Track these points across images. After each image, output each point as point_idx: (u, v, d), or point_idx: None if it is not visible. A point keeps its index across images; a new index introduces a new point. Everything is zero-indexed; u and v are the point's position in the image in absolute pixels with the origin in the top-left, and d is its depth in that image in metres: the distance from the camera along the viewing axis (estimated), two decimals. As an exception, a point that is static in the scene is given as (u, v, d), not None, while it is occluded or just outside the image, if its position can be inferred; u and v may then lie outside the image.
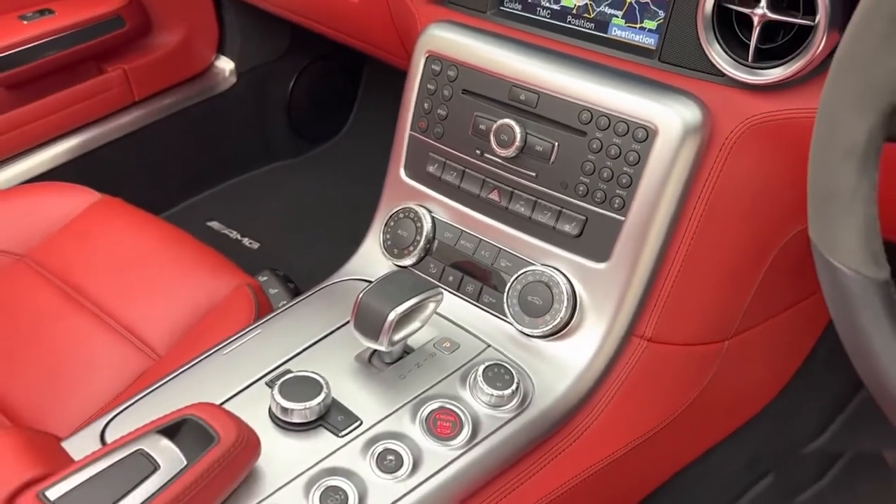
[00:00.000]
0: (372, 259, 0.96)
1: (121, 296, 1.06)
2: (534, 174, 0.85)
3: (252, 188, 1.88)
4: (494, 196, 0.88)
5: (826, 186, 0.51)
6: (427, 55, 0.93)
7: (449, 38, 0.91)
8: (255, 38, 1.77)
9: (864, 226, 0.50)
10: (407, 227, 0.93)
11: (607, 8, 0.84)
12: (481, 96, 0.89)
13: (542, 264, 0.85)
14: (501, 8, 0.92)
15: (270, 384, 0.77)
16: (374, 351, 0.81)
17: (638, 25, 0.82)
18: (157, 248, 1.12)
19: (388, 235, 0.94)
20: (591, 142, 0.81)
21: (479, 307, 0.88)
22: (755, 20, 0.72)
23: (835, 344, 0.55)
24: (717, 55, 0.75)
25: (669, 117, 0.76)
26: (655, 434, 0.90)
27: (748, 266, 0.85)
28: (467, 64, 0.89)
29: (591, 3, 0.85)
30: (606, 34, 0.85)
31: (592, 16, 0.85)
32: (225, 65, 1.76)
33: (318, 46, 1.72)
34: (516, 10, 0.91)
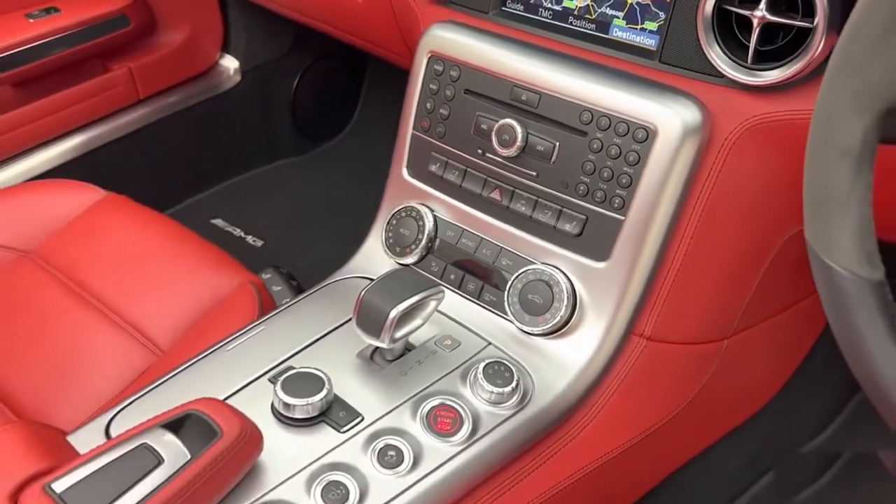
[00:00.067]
0: (374, 257, 0.96)
1: (125, 292, 1.06)
2: (535, 174, 0.85)
3: (256, 186, 1.88)
4: (496, 195, 0.89)
5: (821, 187, 0.51)
6: (429, 55, 0.93)
7: (451, 39, 0.92)
8: (260, 36, 1.77)
9: (858, 226, 0.50)
10: (409, 225, 0.93)
11: (608, 9, 0.84)
12: (483, 96, 0.89)
13: (543, 263, 0.85)
14: (503, 8, 0.92)
15: (273, 380, 0.78)
16: (376, 348, 0.81)
17: (639, 26, 0.82)
18: (161, 245, 1.12)
19: (391, 234, 0.95)
20: (591, 142, 0.81)
21: (479, 305, 0.88)
22: (755, 22, 0.72)
23: (833, 344, 0.55)
24: (717, 56, 0.75)
25: (669, 118, 0.77)
26: (655, 432, 0.90)
27: (747, 266, 0.85)
28: (469, 64, 0.90)
29: (592, 4, 0.86)
30: (607, 35, 0.85)
31: (594, 17, 0.86)
32: (229, 63, 1.77)
33: (322, 45, 1.72)
34: (518, 10, 0.91)
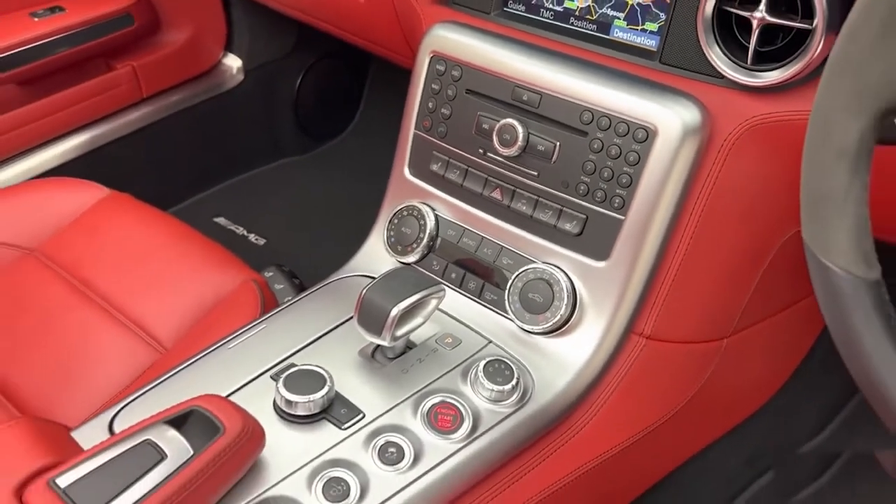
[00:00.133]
0: (376, 256, 0.96)
1: (129, 290, 1.06)
2: (535, 173, 0.86)
3: (259, 185, 1.89)
4: (497, 194, 0.89)
5: (818, 187, 0.52)
6: (431, 55, 0.94)
7: (453, 39, 0.92)
8: (263, 35, 1.77)
9: (855, 226, 0.51)
10: (410, 224, 0.94)
11: (609, 10, 0.85)
12: (485, 96, 0.89)
13: (543, 262, 0.85)
14: (505, 9, 0.93)
15: (275, 377, 0.78)
16: (377, 346, 0.82)
17: (639, 27, 0.83)
18: (164, 243, 1.13)
19: (392, 232, 0.95)
20: (592, 142, 0.82)
21: (480, 304, 0.89)
22: (754, 23, 0.73)
23: (833, 344, 0.55)
24: (717, 57, 0.76)
25: (669, 118, 0.77)
26: (654, 430, 0.90)
27: (746, 265, 0.86)
28: (471, 64, 0.90)
29: (593, 5, 0.86)
30: (608, 36, 0.85)
31: (595, 17, 0.86)
32: (232, 62, 1.77)
33: (325, 44, 1.73)
34: (520, 11, 0.92)
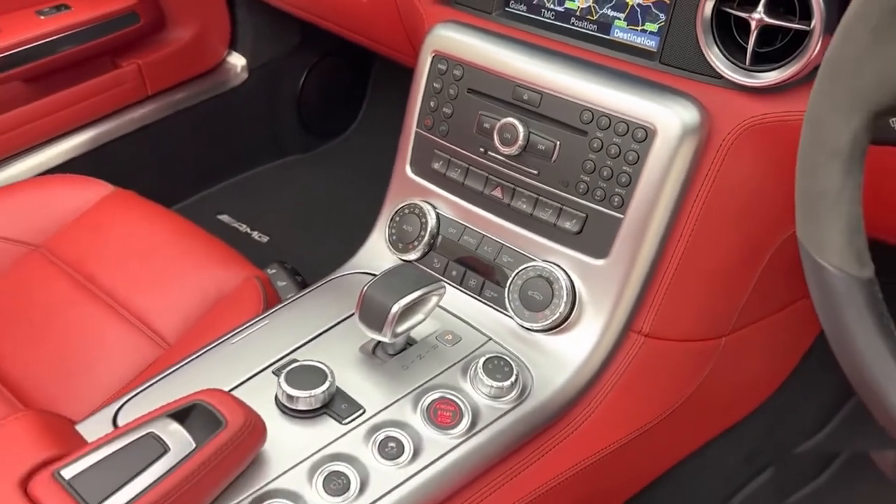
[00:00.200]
0: (377, 253, 0.97)
1: (133, 286, 1.07)
2: (536, 172, 0.86)
3: (262, 183, 1.89)
4: (497, 193, 0.90)
5: (813, 187, 0.52)
6: (433, 54, 0.94)
7: (455, 38, 0.93)
8: (267, 34, 1.78)
9: (848, 225, 0.51)
10: (412, 222, 0.95)
11: (610, 10, 0.86)
12: (486, 95, 0.90)
13: (543, 260, 0.86)
14: (507, 9, 0.93)
15: (277, 372, 0.79)
16: (378, 342, 0.82)
17: (639, 28, 0.84)
18: (168, 240, 1.14)
19: (394, 230, 0.96)
20: (591, 141, 0.82)
21: (480, 301, 0.89)
22: (752, 24, 0.73)
23: None
24: (716, 58, 0.77)
25: (668, 118, 0.78)
26: (652, 428, 0.91)
27: (744, 265, 0.86)
28: (473, 63, 0.91)
29: (594, 6, 0.87)
30: (609, 36, 0.86)
31: (595, 18, 0.87)
32: (237, 60, 1.77)
33: (328, 43, 1.73)
34: (521, 11, 0.92)
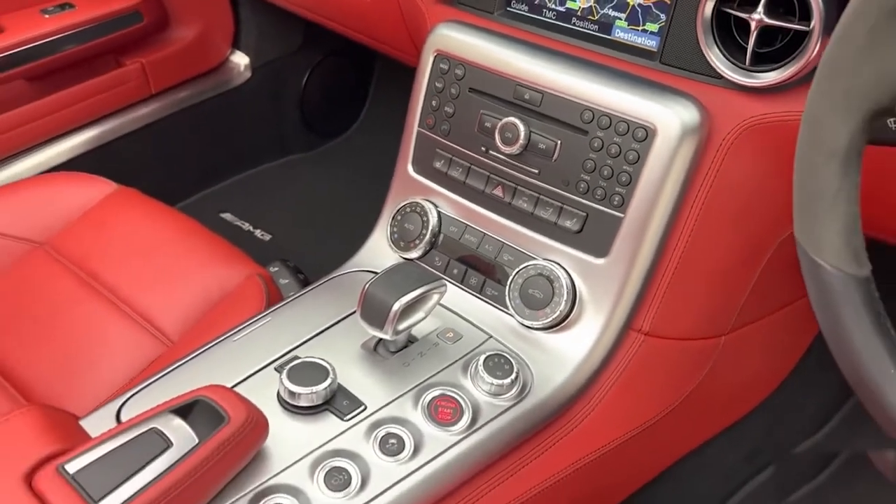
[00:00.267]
0: (379, 251, 0.98)
1: (136, 283, 1.08)
2: (537, 171, 0.87)
3: (265, 181, 1.90)
4: (498, 192, 0.90)
5: (810, 187, 0.53)
6: (436, 54, 0.95)
7: (457, 38, 0.93)
8: (270, 33, 1.78)
9: (845, 224, 0.52)
10: (413, 220, 0.95)
11: (611, 10, 0.86)
12: (487, 95, 0.90)
13: (544, 259, 0.86)
14: (508, 9, 0.94)
15: (279, 369, 0.80)
16: (380, 339, 0.83)
17: (640, 28, 0.84)
18: (171, 237, 1.14)
19: (395, 229, 0.97)
20: (592, 140, 0.83)
21: (481, 299, 0.90)
22: (752, 25, 0.73)
23: None
24: (716, 58, 0.77)
25: (668, 118, 0.78)
26: (652, 425, 0.91)
27: (744, 264, 0.86)
28: (474, 63, 0.91)
29: (595, 6, 0.87)
30: (610, 36, 0.86)
31: (596, 18, 0.87)
32: (240, 59, 1.78)
33: (331, 42, 1.74)
34: (523, 11, 0.93)
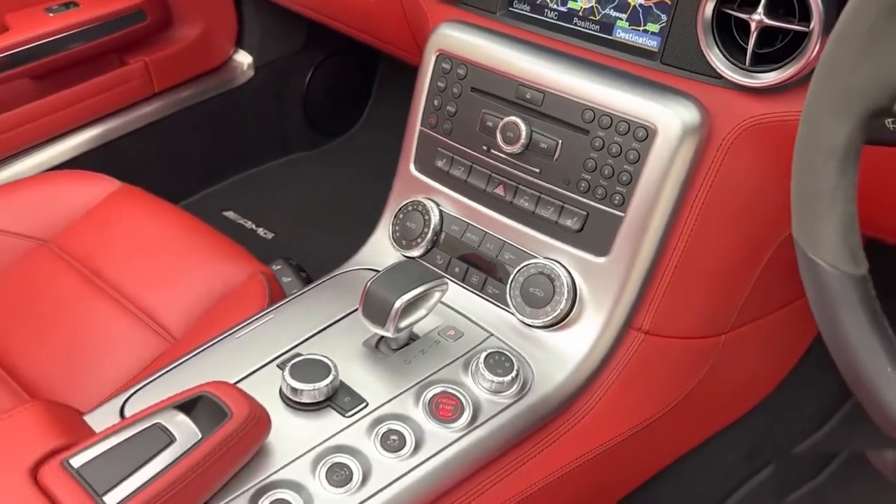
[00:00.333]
0: (381, 250, 0.98)
1: (139, 281, 1.08)
2: (538, 170, 0.87)
3: (268, 180, 1.90)
4: (500, 191, 0.91)
5: (808, 186, 0.53)
6: (438, 53, 0.95)
7: (459, 38, 0.94)
8: (273, 32, 1.78)
9: (842, 224, 0.52)
10: (415, 219, 0.96)
11: (612, 11, 0.87)
12: (489, 94, 0.91)
13: (545, 257, 0.87)
14: (510, 9, 0.94)
15: (281, 366, 0.80)
16: (381, 337, 0.83)
17: (641, 28, 0.85)
18: (174, 235, 1.15)
19: (397, 227, 0.97)
20: (593, 140, 0.83)
21: (482, 297, 0.90)
22: (752, 25, 0.74)
23: None
24: (716, 58, 0.77)
25: (669, 118, 0.79)
26: (652, 423, 0.92)
27: (743, 263, 0.87)
28: (476, 63, 0.92)
29: (596, 6, 0.88)
30: (611, 36, 0.87)
31: (598, 18, 0.88)
32: (243, 58, 1.78)
33: (334, 42, 1.74)
34: (525, 11, 0.93)
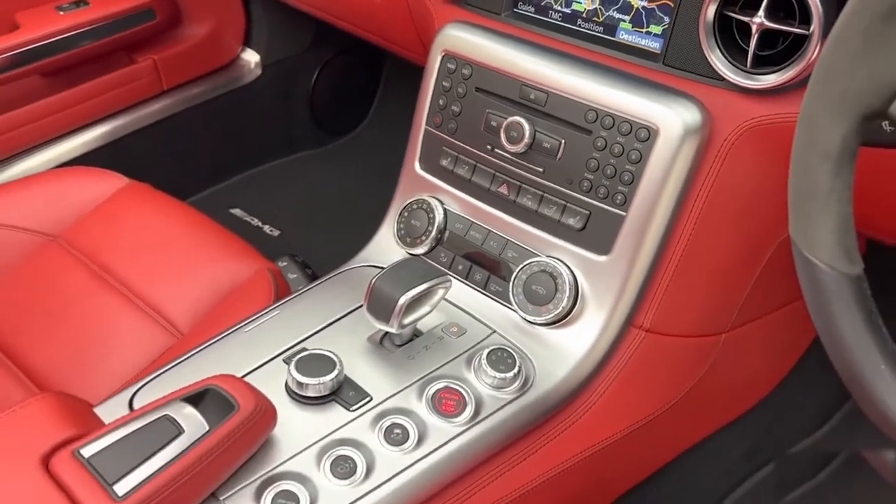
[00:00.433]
0: (386, 247, 0.99)
1: (147, 276, 1.09)
2: (541, 170, 0.88)
3: (274, 177, 1.91)
4: (503, 190, 0.92)
5: (804, 187, 0.54)
6: (443, 54, 0.96)
7: (464, 38, 0.95)
8: (281, 31, 1.79)
9: (838, 224, 0.53)
10: (420, 217, 0.97)
11: (616, 13, 0.88)
12: (493, 94, 0.92)
13: (547, 256, 0.88)
14: (515, 10, 0.95)
15: (287, 360, 0.81)
16: (386, 333, 0.84)
17: (644, 30, 0.86)
18: (182, 232, 1.15)
19: (402, 225, 0.98)
20: (595, 140, 0.84)
21: (485, 295, 0.91)
22: (753, 28, 0.75)
23: None
24: (718, 60, 0.78)
25: (670, 118, 0.79)
26: (653, 420, 0.92)
27: (744, 263, 0.88)
28: (481, 63, 0.93)
29: (600, 8, 0.89)
30: (614, 38, 0.88)
31: (601, 20, 0.89)
32: (251, 57, 1.79)
33: (341, 41, 1.75)
34: (529, 12, 0.94)
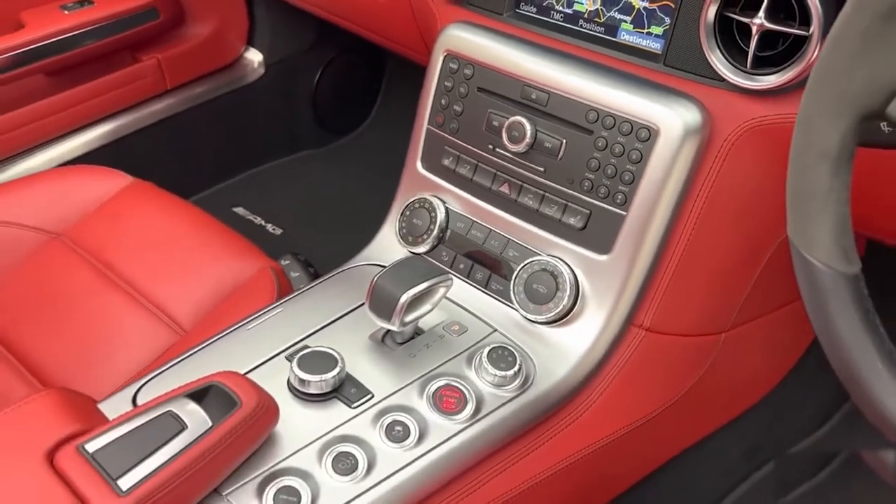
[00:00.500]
0: (388, 246, 1.00)
1: (151, 274, 1.10)
2: (542, 169, 0.89)
3: (277, 176, 1.92)
4: (505, 189, 0.93)
5: (802, 187, 0.55)
6: (445, 53, 0.97)
7: (466, 38, 0.95)
8: (284, 31, 1.80)
9: (835, 224, 0.53)
10: (422, 216, 0.97)
11: (617, 13, 0.88)
12: (495, 94, 0.92)
13: (548, 255, 0.88)
14: (517, 10, 0.96)
15: (290, 358, 0.82)
16: (387, 331, 0.85)
17: (645, 31, 0.86)
18: (185, 230, 1.16)
19: (404, 224, 0.99)
20: (596, 140, 0.85)
21: (486, 294, 0.92)
22: (754, 29, 0.75)
23: None
24: (718, 61, 0.79)
25: (671, 119, 0.80)
26: (653, 419, 0.93)
27: (744, 263, 0.88)
28: (483, 63, 0.93)
29: (601, 9, 0.89)
30: (615, 38, 0.88)
31: (603, 20, 0.89)
32: (254, 56, 1.80)
33: (344, 40, 1.75)
34: (531, 12, 0.95)
